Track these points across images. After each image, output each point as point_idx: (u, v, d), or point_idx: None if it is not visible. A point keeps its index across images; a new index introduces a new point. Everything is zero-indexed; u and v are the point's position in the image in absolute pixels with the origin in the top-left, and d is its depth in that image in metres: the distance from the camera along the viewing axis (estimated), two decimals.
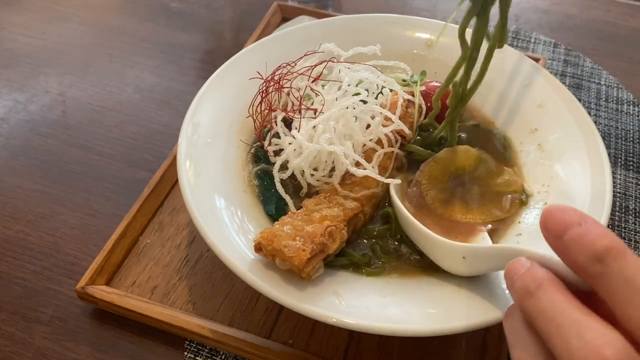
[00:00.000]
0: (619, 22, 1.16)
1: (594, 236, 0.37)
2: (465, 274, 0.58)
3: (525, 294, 0.39)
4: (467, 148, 0.73)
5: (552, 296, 0.38)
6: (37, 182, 0.83)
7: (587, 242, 0.37)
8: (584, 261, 0.37)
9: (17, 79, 1.00)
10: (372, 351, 0.64)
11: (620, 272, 0.36)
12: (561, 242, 0.38)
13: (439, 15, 1.17)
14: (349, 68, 0.75)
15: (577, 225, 0.38)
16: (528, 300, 0.39)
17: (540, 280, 0.39)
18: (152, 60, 1.04)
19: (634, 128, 0.94)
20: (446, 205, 0.68)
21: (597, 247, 0.36)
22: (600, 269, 0.36)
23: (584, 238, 0.37)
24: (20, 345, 0.66)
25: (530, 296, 0.39)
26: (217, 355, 0.65)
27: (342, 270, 0.62)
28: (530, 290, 0.39)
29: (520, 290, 0.40)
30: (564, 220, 0.38)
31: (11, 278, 0.72)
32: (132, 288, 0.70)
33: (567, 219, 0.38)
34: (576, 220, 0.38)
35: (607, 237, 0.37)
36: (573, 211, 0.39)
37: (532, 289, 0.39)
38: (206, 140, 0.70)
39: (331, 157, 0.67)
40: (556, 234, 0.38)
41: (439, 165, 0.71)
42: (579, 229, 0.38)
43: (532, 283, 0.39)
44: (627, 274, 0.35)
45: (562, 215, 0.38)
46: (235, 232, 0.62)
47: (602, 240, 0.36)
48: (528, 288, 0.39)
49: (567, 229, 0.38)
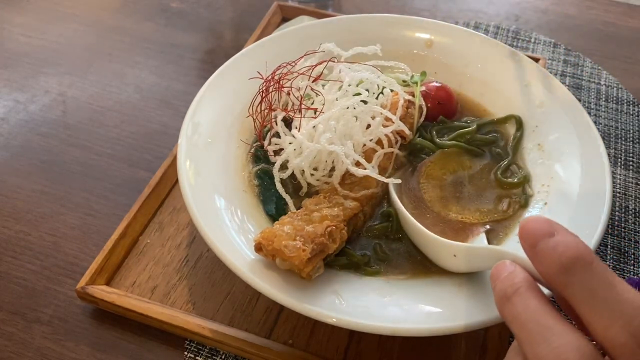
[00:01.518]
0: (618, 23, 1.16)
1: (563, 247, 0.38)
2: (457, 270, 0.59)
3: (503, 298, 0.40)
4: (466, 148, 0.73)
5: (527, 302, 0.38)
6: (37, 182, 0.83)
7: (555, 252, 0.38)
8: (552, 271, 0.38)
9: (17, 79, 1.00)
10: (372, 351, 0.64)
11: (585, 282, 0.36)
12: (534, 251, 0.39)
13: (439, 15, 1.17)
14: (350, 68, 0.75)
15: (549, 235, 0.39)
16: (505, 304, 0.40)
17: (517, 285, 0.40)
18: (152, 60, 1.04)
19: (633, 128, 0.94)
20: (444, 204, 0.68)
21: (564, 258, 0.37)
22: (566, 279, 0.37)
23: (553, 248, 0.38)
24: (20, 345, 0.66)
25: (506, 301, 0.40)
26: (217, 355, 0.65)
27: (342, 270, 0.62)
28: (507, 295, 0.40)
29: (498, 294, 0.41)
30: (536, 230, 0.39)
31: (11, 278, 0.72)
32: (132, 288, 0.70)
33: (539, 230, 0.39)
34: (548, 230, 0.39)
35: (575, 247, 0.38)
36: (546, 222, 0.40)
37: (509, 293, 0.40)
38: (206, 140, 0.70)
39: (331, 156, 0.67)
40: (530, 243, 0.40)
41: (437, 164, 0.72)
42: (550, 239, 0.38)
43: (509, 288, 0.40)
44: (592, 285, 0.36)
45: (535, 225, 0.39)
46: (235, 232, 0.62)
47: (569, 251, 0.37)
48: (505, 293, 0.40)
49: (540, 239, 0.39)
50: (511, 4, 1.21)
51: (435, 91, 0.78)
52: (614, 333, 0.34)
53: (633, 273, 0.74)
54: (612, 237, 0.78)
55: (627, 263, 0.75)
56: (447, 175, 0.71)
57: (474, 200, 0.69)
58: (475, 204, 0.69)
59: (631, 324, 0.34)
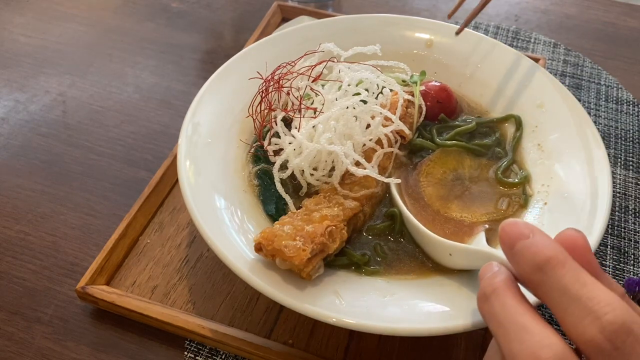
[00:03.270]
0: (618, 22, 1.16)
1: (538, 247, 0.39)
2: (454, 267, 0.61)
3: (482, 298, 0.41)
4: (466, 147, 0.73)
5: (504, 301, 0.39)
6: (37, 182, 0.83)
7: (530, 252, 0.39)
8: (527, 270, 0.39)
9: (17, 79, 1.00)
10: (372, 351, 0.64)
11: (558, 281, 0.37)
12: (512, 252, 0.41)
13: (439, 15, 1.17)
14: (349, 68, 0.75)
15: (525, 237, 0.40)
16: (484, 304, 0.41)
17: (495, 285, 0.41)
18: (152, 60, 1.04)
19: (633, 128, 0.94)
20: (443, 202, 0.69)
21: (538, 258, 0.38)
22: (539, 278, 0.38)
23: (529, 249, 0.39)
24: (20, 345, 0.66)
25: (485, 300, 0.41)
26: (217, 355, 0.65)
27: (342, 270, 0.62)
28: (486, 294, 0.41)
29: (479, 294, 0.42)
30: (514, 233, 0.41)
31: (11, 278, 0.72)
32: (132, 288, 0.70)
33: (517, 232, 0.40)
34: (525, 232, 0.40)
35: (550, 248, 0.39)
36: (524, 225, 0.41)
37: (488, 293, 0.41)
38: (206, 140, 0.70)
39: (331, 156, 0.67)
40: (508, 245, 0.41)
41: (438, 163, 0.72)
42: (526, 241, 0.40)
43: (488, 287, 0.41)
44: (564, 283, 0.37)
45: (513, 228, 0.41)
46: (235, 232, 0.62)
47: (544, 251, 0.39)
48: (485, 292, 0.41)
49: (516, 241, 0.40)
50: (511, 4, 1.21)
51: (434, 91, 0.79)
52: (584, 329, 0.35)
53: (633, 273, 0.74)
54: (612, 237, 0.78)
55: (627, 263, 0.75)
56: (448, 173, 0.72)
57: (473, 199, 0.69)
58: (475, 203, 0.69)
59: (600, 319, 0.35)
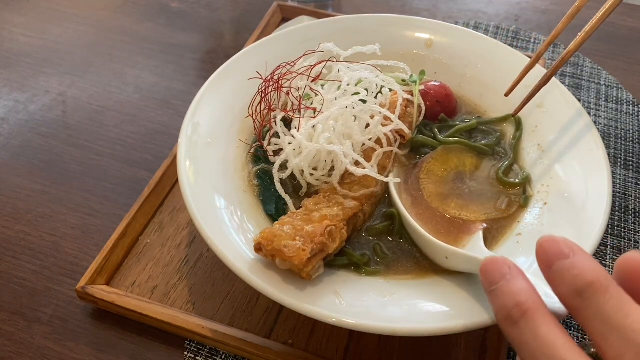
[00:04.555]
0: (618, 23, 1.16)
1: (579, 270, 0.37)
2: (452, 269, 0.61)
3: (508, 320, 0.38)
4: (468, 145, 0.73)
5: (536, 329, 0.37)
6: (37, 182, 0.83)
7: (570, 275, 0.37)
8: (567, 293, 0.37)
9: (17, 79, 1.00)
10: (372, 351, 0.64)
11: (599, 308, 0.36)
12: (550, 272, 0.39)
13: (439, 15, 1.17)
14: (349, 68, 0.75)
15: (565, 257, 0.38)
16: (511, 328, 0.38)
17: (524, 307, 0.38)
18: (152, 60, 1.04)
19: (633, 128, 0.94)
20: (442, 200, 0.69)
21: (579, 281, 0.37)
22: (579, 303, 0.37)
23: (569, 271, 0.37)
24: (20, 345, 0.66)
25: (513, 324, 0.38)
26: (217, 355, 0.65)
27: (342, 270, 0.62)
28: (513, 317, 0.38)
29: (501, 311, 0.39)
30: (553, 251, 0.38)
31: (11, 278, 0.72)
32: (132, 288, 0.70)
33: (556, 250, 0.38)
34: (565, 252, 0.38)
35: (592, 271, 0.37)
36: (564, 242, 0.39)
37: (516, 317, 0.38)
38: (206, 140, 0.70)
39: (330, 156, 0.67)
40: (546, 264, 0.39)
41: (439, 161, 0.72)
42: (566, 261, 0.38)
43: (515, 310, 0.38)
44: (605, 311, 0.35)
45: (552, 246, 0.39)
46: (235, 232, 0.62)
47: (585, 275, 0.37)
48: (511, 315, 0.38)
49: (556, 260, 0.38)
50: (511, 4, 1.21)
51: (434, 90, 0.79)
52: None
53: None
54: (612, 237, 0.78)
55: None
56: (448, 172, 0.72)
57: (473, 198, 0.69)
58: (475, 201, 0.69)
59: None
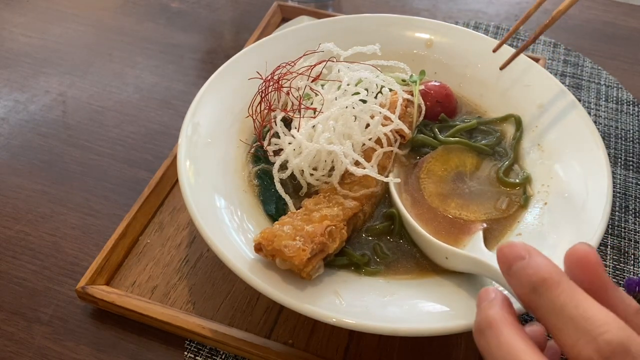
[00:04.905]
0: (618, 23, 1.16)
1: (534, 269, 0.39)
2: (451, 269, 0.61)
3: (478, 332, 0.41)
4: (468, 145, 0.73)
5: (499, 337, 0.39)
6: (37, 182, 0.83)
7: (526, 274, 0.39)
8: (524, 292, 0.39)
9: (17, 79, 1.00)
10: (372, 351, 0.64)
11: (552, 302, 0.37)
12: (509, 274, 0.41)
13: (439, 15, 1.17)
14: (349, 68, 0.75)
15: (521, 258, 0.40)
16: (480, 338, 0.41)
17: (490, 319, 0.40)
18: (152, 60, 1.04)
19: (633, 128, 0.94)
20: (443, 200, 0.69)
21: (534, 279, 0.39)
22: (535, 300, 0.38)
23: (524, 270, 0.39)
24: (20, 345, 0.66)
25: (481, 335, 0.40)
26: (217, 355, 0.65)
27: (342, 270, 0.62)
28: (481, 328, 0.40)
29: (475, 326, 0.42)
30: (511, 254, 0.41)
31: (11, 278, 0.72)
32: (132, 288, 0.70)
33: (514, 253, 0.41)
34: (522, 254, 0.40)
35: (545, 269, 0.39)
36: (521, 246, 0.41)
37: (483, 327, 0.40)
38: (206, 140, 0.70)
39: (330, 156, 0.67)
40: (506, 267, 0.41)
41: (439, 160, 0.72)
42: (522, 262, 0.40)
43: (484, 321, 0.40)
44: (558, 304, 0.37)
45: (510, 250, 0.41)
46: (235, 232, 0.62)
47: (538, 272, 0.39)
48: (480, 326, 0.41)
49: (513, 262, 0.40)
50: (511, 4, 1.21)
51: (434, 90, 0.79)
52: (579, 350, 0.35)
53: (633, 273, 0.74)
54: (612, 237, 0.78)
55: (627, 263, 0.75)
56: (448, 171, 0.72)
57: (473, 198, 0.69)
58: (475, 201, 0.69)
59: (596, 339, 0.34)
